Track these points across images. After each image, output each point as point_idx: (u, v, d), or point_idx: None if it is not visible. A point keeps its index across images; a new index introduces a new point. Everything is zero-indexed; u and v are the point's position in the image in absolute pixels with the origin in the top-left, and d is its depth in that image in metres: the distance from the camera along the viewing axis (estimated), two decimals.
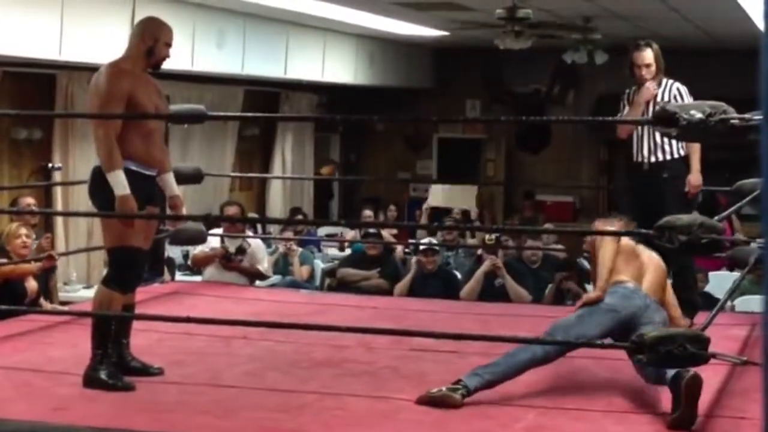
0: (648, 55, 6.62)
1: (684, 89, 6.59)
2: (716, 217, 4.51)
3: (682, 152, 6.55)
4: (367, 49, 14.21)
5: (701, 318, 5.89)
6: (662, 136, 6.40)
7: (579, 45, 12.83)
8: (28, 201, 8.40)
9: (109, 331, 4.96)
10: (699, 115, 4.07)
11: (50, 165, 9.51)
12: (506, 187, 16.83)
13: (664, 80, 6.64)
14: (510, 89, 16.42)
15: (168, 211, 5.61)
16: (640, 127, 6.59)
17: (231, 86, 12.77)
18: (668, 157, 6.55)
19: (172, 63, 8.40)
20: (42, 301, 7.46)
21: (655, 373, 4.61)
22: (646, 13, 11.37)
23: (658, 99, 6.51)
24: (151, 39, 5.08)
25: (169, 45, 5.15)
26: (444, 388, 4.72)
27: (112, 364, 4.95)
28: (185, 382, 5.03)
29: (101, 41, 8.93)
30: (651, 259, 5.28)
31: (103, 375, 4.88)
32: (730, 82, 6.47)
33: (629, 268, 5.20)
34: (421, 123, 16.58)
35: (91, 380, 4.89)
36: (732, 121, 4.09)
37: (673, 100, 6.40)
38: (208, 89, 12.23)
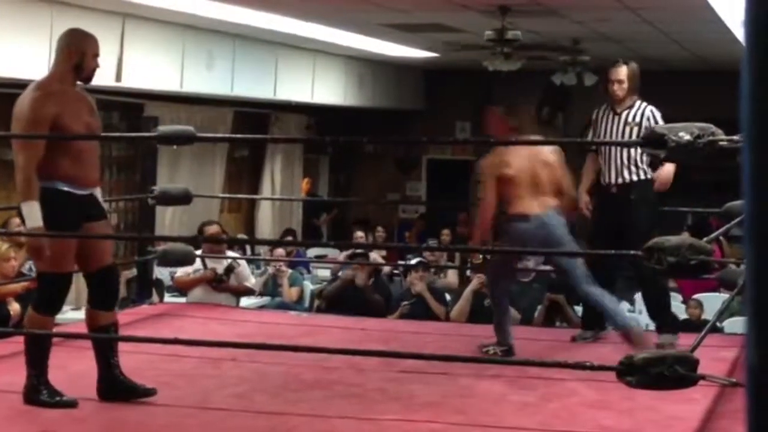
0: (622, 71, 6.63)
1: (657, 113, 6.57)
2: (705, 239, 4.51)
3: (649, 174, 6.55)
4: (357, 71, 14.24)
5: (689, 339, 5.89)
6: (628, 158, 6.43)
7: (568, 67, 12.88)
8: (18, 221, 8.39)
9: (43, 353, 4.96)
10: (687, 137, 4.08)
11: None
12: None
13: (638, 102, 6.63)
14: None
15: None
16: (606, 150, 6.60)
17: (220, 107, 12.78)
18: (635, 178, 6.55)
19: (161, 84, 8.44)
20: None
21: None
22: (634, 35, 11.42)
23: (629, 120, 6.53)
24: (77, 53, 4.86)
25: (97, 55, 4.93)
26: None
27: (47, 382, 4.95)
28: (174, 404, 5.00)
29: None
30: (546, 163, 6.24)
31: (44, 397, 4.89)
32: (718, 103, 6.47)
33: (532, 193, 6.12)
34: (410, 144, 16.63)
35: (31, 402, 4.90)
36: (720, 142, 4.10)
37: (645, 122, 6.42)
38: (198, 110, 12.24)
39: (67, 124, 4.79)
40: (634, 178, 6.54)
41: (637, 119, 6.51)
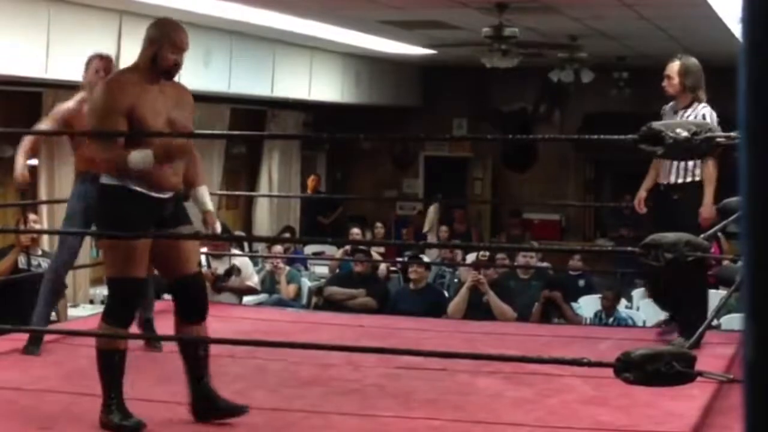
0: (671, 67, 6.46)
1: (711, 115, 6.28)
2: (702, 235, 4.52)
3: (697, 178, 6.40)
4: (354, 68, 14.24)
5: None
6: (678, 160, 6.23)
7: (565, 64, 12.89)
8: (32, 217, 8.46)
9: (115, 370, 4.57)
10: (684, 134, 4.08)
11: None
12: (493, 206, 16.87)
13: (697, 104, 6.39)
14: (496, 108, 16.47)
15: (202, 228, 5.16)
16: None
17: (217, 104, 12.77)
18: (680, 180, 6.41)
19: None
20: None
21: None
22: (631, 32, 11.43)
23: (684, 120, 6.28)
24: (154, 45, 4.56)
25: (176, 48, 4.58)
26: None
27: (122, 404, 4.56)
28: (172, 400, 5.00)
29: None
30: None
31: (116, 419, 4.51)
32: (717, 101, 6.43)
33: None
34: (407, 141, 16.62)
35: (105, 426, 4.54)
36: (718, 139, 4.11)
37: None
38: (195, 107, 12.22)
39: (144, 117, 4.45)
40: (680, 180, 6.39)
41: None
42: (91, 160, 4.97)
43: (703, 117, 6.31)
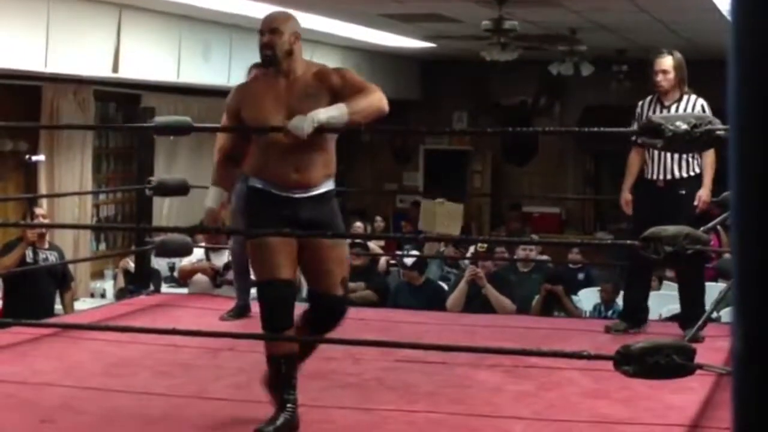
0: (667, 62, 6.41)
1: (707, 106, 6.32)
2: (702, 228, 4.53)
3: (697, 170, 6.35)
4: (354, 61, 14.23)
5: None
6: (679, 153, 6.18)
7: (565, 57, 12.89)
8: (40, 212, 8.47)
9: (281, 375, 4.47)
10: (684, 127, 4.09)
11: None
12: (493, 199, 16.88)
13: (688, 96, 6.42)
14: (496, 101, 16.46)
15: None
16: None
17: (217, 98, 12.73)
18: (685, 174, 6.37)
19: (158, 75, 8.28)
20: None
21: None
22: (631, 25, 11.42)
23: (681, 113, 6.27)
24: None
25: (261, 33, 4.55)
26: None
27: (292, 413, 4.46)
28: (172, 394, 5.01)
29: (87, 54, 8.93)
30: None
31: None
32: (716, 93, 6.40)
33: None
34: (407, 135, 16.62)
35: None
36: (717, 132, 4.11)
37: None
38: (195, 101, 12.23)
39: (251, 114, 4.46)
40: (684, 174, 6.32)
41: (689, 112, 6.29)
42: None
43: (702, 107, 6.32)
